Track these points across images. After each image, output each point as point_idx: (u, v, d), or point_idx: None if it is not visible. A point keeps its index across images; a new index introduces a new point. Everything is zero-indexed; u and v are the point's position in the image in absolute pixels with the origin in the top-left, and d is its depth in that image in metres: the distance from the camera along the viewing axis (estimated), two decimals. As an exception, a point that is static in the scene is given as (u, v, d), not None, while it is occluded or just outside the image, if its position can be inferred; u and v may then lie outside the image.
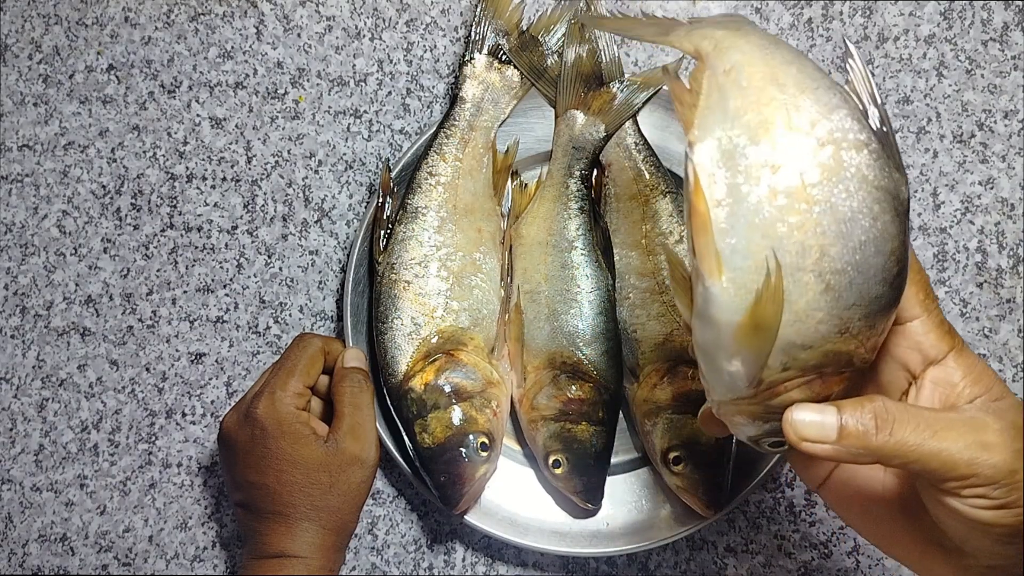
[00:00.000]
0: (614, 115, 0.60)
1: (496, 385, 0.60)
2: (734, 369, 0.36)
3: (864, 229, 0.34)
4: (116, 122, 0.66)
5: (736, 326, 0.35)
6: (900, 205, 0.35)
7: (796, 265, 0.33)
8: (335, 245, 0.65)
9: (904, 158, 0.65)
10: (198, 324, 0.65)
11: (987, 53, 0.65)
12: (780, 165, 0.34)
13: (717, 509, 0.58)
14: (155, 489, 0.65)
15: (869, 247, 0.34)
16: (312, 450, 0.56)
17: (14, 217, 0.66)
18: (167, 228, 0.66)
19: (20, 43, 0.66)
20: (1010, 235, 0.64)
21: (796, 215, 0.33)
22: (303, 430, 0.56)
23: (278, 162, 0.66)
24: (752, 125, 0.34)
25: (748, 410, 0.38)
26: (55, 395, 0.65)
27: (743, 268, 0.34)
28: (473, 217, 0.61)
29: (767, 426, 0.39)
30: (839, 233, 0.34)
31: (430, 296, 0.59)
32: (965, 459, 0.34)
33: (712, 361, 0.37)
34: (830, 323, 0.35)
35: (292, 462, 0.55)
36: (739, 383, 0.37)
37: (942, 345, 0.38)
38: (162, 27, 0.66)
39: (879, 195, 0.34)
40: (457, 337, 0.59)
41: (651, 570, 0.64)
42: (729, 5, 0.65)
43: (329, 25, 0.66)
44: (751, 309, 0.34)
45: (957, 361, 0.37)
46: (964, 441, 0.34)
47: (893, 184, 0.35)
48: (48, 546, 0.65)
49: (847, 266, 0.34)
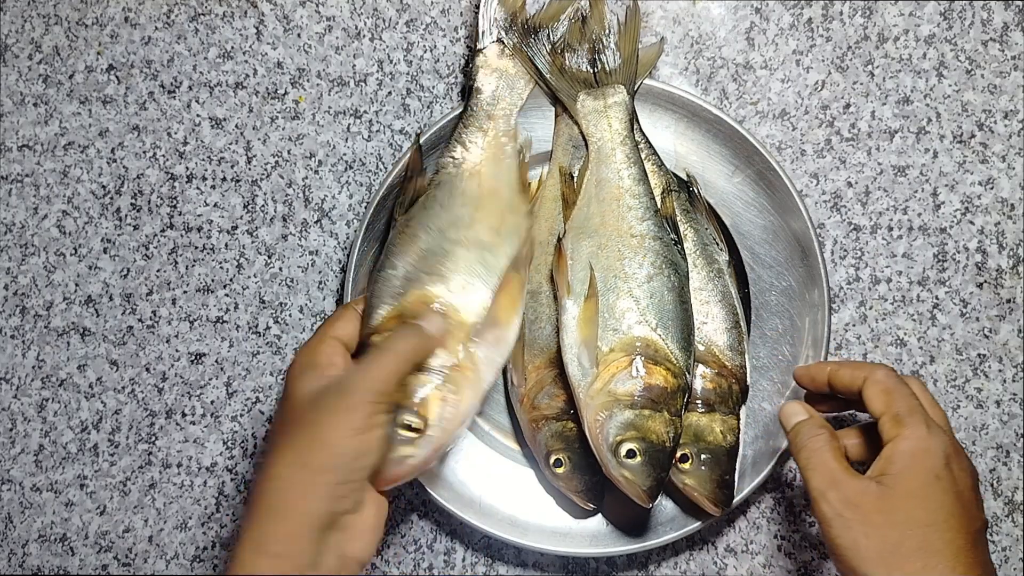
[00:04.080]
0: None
1: (462, 371, 0.53)
2: (583, 354, 0.56)
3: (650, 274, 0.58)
4: (116, 122, 0.66)
5: (577, 320, 0.57)
6: (679, 270, 0.58)
7: (608, 286, 0.58)
8: (335, 245, 0.65)
9: (904, 158, 0.65)
10: (198, 324, 0.65)
11: (987, 53, 0.65)
12: (604, 243, 0.59)
13: (725, 507, 0.58)
14: (155, 489, 0.65)
15: (655, 281, 0.58)
16: (310, 381, 0.49)
17: (14, 217, 0.66)
18: (167, 228, 0.66)
19: (20, 43, 0.66)
20: (1010, 235, 0.64)
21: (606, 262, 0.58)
22: (316, 359, 0.50)
23: (278, 162, 0.66)
24: (594, 222, 0.59)
25: (601, 401, 0.56)
26: (55, 395, 0.65)
27: (579, 292, 0.57)
28: (498, 201, 0.59)
29: (618, 418, 0.55)
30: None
31: (429, 257, 0.56)
32: (813, 492, 0.50)
33: (573, 357, 0.56)
34: (631, 318, 0.57)
35: (288, 395, 0.49)
36: (586, 364, 0.56)
37: (890, 433, 0.50)
38: (162, 27, 0.66)
39: (660, 261, 0.58)
40: (442, 303, 0.55)
41: (651, 570, 0.64)
42: (729, 6, 0.65)
43: (329, 25, 0.66)
44: (582, 309, 0.57)
45: (892, 446, 0.49)
46: (820, 484, 0.50)
47: (673, 256, 0.59)
48: (48, 546, 0.65)
49: (643, 287, 0.58)
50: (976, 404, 0.64)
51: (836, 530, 0.48)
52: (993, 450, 0.64)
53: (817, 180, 0.65)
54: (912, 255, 0.64)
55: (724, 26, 0.65)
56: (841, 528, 0.48)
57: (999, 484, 0.64)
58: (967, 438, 0.64)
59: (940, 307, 0.64)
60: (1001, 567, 0.64)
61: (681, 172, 0.62)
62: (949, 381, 0.64)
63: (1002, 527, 0.64)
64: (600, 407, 0.56)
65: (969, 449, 0.64)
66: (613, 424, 0.56)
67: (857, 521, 0.48)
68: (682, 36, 0.65)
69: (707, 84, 0.65)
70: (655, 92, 0.62)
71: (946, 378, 0.64)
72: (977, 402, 0.64)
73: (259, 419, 0.65)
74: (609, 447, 0.56)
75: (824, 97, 0.65)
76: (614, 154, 0.60)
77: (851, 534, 0.47)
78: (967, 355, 0.64)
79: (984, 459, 0.64)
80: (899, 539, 0.47)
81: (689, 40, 0.65)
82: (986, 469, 0.64)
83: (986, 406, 0.64)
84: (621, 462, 0.55)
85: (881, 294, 0.64)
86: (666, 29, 0.65)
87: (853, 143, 0.65)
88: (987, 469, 0.64)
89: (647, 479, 0.56)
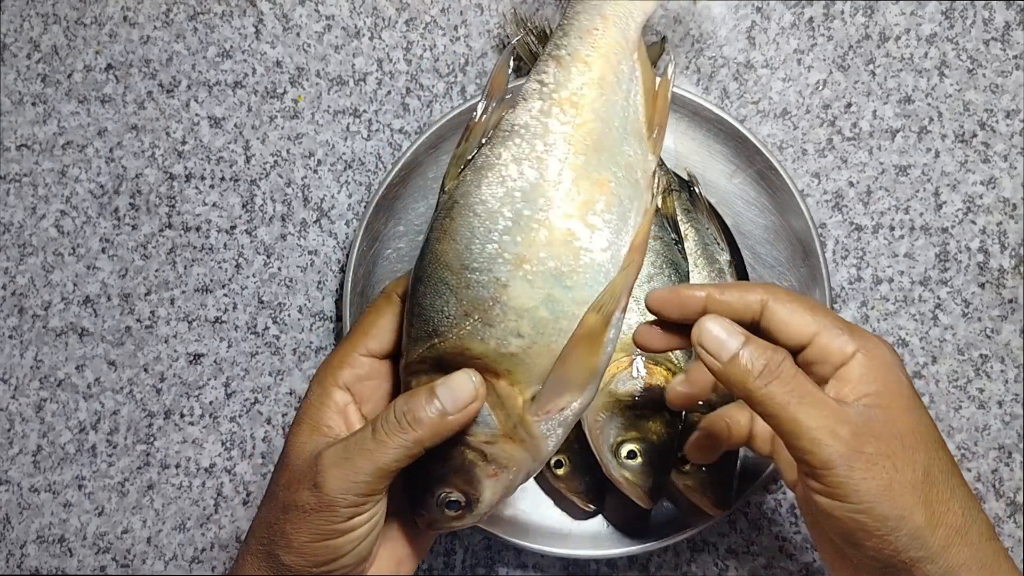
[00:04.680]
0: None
1: (516, 442, 0.41)
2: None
3: None
4: (114, 121, 0.66)
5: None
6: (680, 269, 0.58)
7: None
8: (334, 245, 0.65)
9: (906, 158, 0.64)
10: (196, 324, 0.65)
11: (989, 52, 0.64)
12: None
13: (726, 508, 0.58)
14: (153, 490, 0.65)
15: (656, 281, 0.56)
16: (298, 438, 0.42)
17: (12, 217, 0.66)
18: (165, 228, 0.65)
19: (18, 42, 0.66)
20: (1012, 235, 0.64)
21: None
22: (313, 410, 0.43)
23: (277, 162, 0.65)
24: None
25: (602, 402, 0.54)
26: (53, 396, 0.65)
27: None
28: (601, 158, 0.41)
29: (619, 419, 0.54)
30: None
31: (473, 286, 0.40)
32: (811, 435, 0.37)
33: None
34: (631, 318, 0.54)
35: (284, 448, 0.42)
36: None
37: (848, 346, 0.40)
38: (161, 26, 0.66)
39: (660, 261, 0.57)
40: (485, 364, 0.41)
41: (652, 572, 0.64)
42: (730, 5, 0.65)
43: (328, 24, 0.65)
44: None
45: (862, 358, 0.40)
46: (821, 421, 0.38)
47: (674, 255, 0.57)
48: (46, 547, 0.65)
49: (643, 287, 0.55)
50: (978, 405, 0.64)
51: (860, 473, 0.37)
52: (995, 451, 0.64)
53: (818, 180, 0.65)
54: (914, 255, 0.64)
55: (725, 25, 0.65)
56: (867, 467, 0.37)
57: (1001, 485, 0.64)
58: (969, 439, 0.64)
59: (942, 307, 0.64)
60: (1003, 568, 0.63)
61: (682, 171, 0.62)
62: (951, 381, 0.64)
63: (1004, 528, 0.64)
64: (600, 408, 0.56)
65: (971, 450, 0.64)
66: (614, 425, 0.56)
67: (882, 455, 0.38)
68: (683, 35, 0.65)
69: (708, 83, 0.65)
70: (656, 91, 0.62)
71: (948, 378, 0.64)
72: (979, 403, 0.64)
73: (258, 419, 0.65)
74: (610, 448, 0.56)
75: (825, 96, 0.65)
76: None
77: (881, 472, 0.37)
78: (969, 355, 0.64)
79: (986, 460, 0.64)
80: (927, 464, 0.39)
81: (690, 39, 0.65)
82: (988, 470, 0.64)
83: (988, 407, 0.64)
84: (622, 463, 0.55)
85: (883, 294, 0.64)
86: (667, 28, 0.65)
87: (855, 142, 0.64)
88: (989, 470, 0.64)
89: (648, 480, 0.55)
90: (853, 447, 0.37)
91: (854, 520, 0.38)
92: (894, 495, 0.38)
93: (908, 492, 0.38)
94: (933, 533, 0.38)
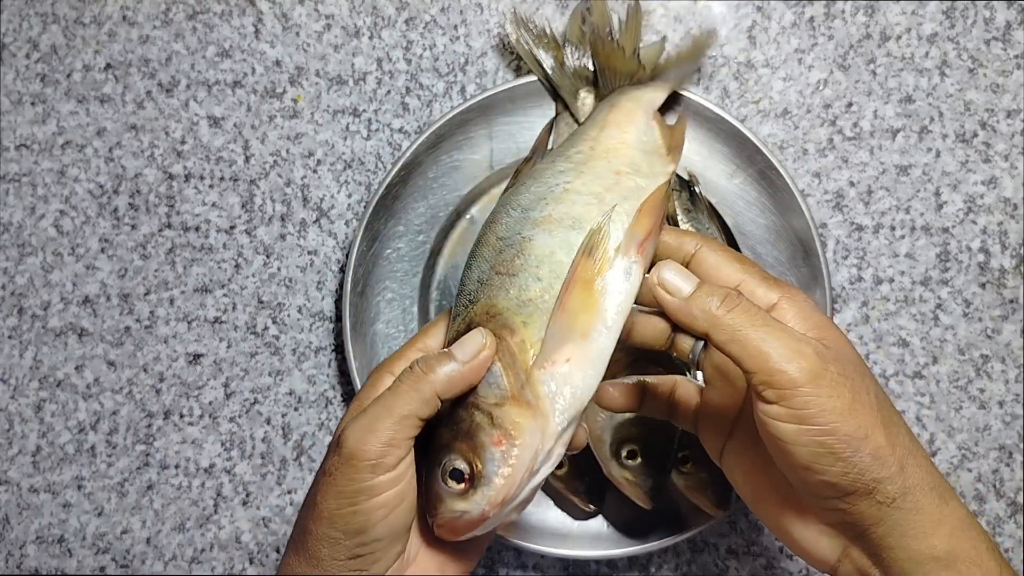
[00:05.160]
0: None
1: (521, 406, 0.41)
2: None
3: None
4: (114, 121, 0.66)
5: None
6: None
7: None
8: (334, 245, 0.65)
9: (907, 158, 0.64)
10: (196, 324, 0.65)
11: (990, 52, 0.64)
12: None
13: (726, 508, 0.58)
14: (153, 490, 0.65)
15: None
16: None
17: (11, 217, 0.66)
18: (165, 228, 0.65)
19: (17, 42, 0.66)
20: (1013, 235, 0.64)
21: None
22: (364, 396, 0.43)
23: (276, 161, 0.65)
24: None
25: None
26: (52, 396, 0.65)
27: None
28: (616, 158, 0.48)
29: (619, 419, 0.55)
30: None
31: (504, 249, 0.44)
32: (776, 355, 0.38)
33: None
34: None
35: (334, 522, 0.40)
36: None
37: (771, 294, 0.42)
38: (160, 25, 0.66)
39: None
40: (505, 319, 0.43)
41: (652, 572, 0.64)
42: (731, 4, 0.64)
43: (328, 23, 0.65)
44: None
45: (788, 304, 0.42)
46: (786, 343, 0.38)
47: None
48: (46, 547, 0.65)
49: None
50: (979, 405, 0.64)
51: (827, 391, 0.38)
52: (996, 451, 0.64)
53: (819, 179, 0.64)
54: (915, 255, 0.64)
55: (726, 24, 0.65)
56: (832, 386, 0.38)
57: (1002, 485, 0.64)
58: (969, 439, 0.64)
59: (943, 307, 0.64)
60: (1004, 569, 0.63)
61: (682, 171, 0.62)
62: (952, 382, 0.64)
63: (1004, 528, 0.64)
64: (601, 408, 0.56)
65: (972, 450, 0.64)
66: (614, 425, 0.56)
67: (843, 375, 0.39)
68: (683, 34, 0.65)
69: (708, 83, 0.65)
70: (656, 91, 0.61)
71: (948, 379, 0.64)
72: (980, 403, 0.64)
73: (257, 420, 0.65)
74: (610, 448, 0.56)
75: (826, 96, 0.64)
76: None
77: (844, 392, 0.38)
78: (970, 355, 0.64)
79: (987, 460, 0.64)
80: (876, 389, 0.40)
81: (690, 39, 0.64)
82: (989, 470, 0.64)
83: (989, 407, 0.64)
84: (622, 464, 0.55)
85: (884, 294, 0.64)
86: (667, 27, 0.65)
87: (855, 142, 0.64)
88: (990, 470, 0.64)
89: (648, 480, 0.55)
90: (819, 365, 0.38)
91: (820, 443, 0.38)
92: (857, 414, 0.38)
93: (868, 412, 0.39)
94: (893, 452, 0.39)
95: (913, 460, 0.40)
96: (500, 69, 0.65)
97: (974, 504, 0.64)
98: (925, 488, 0.40)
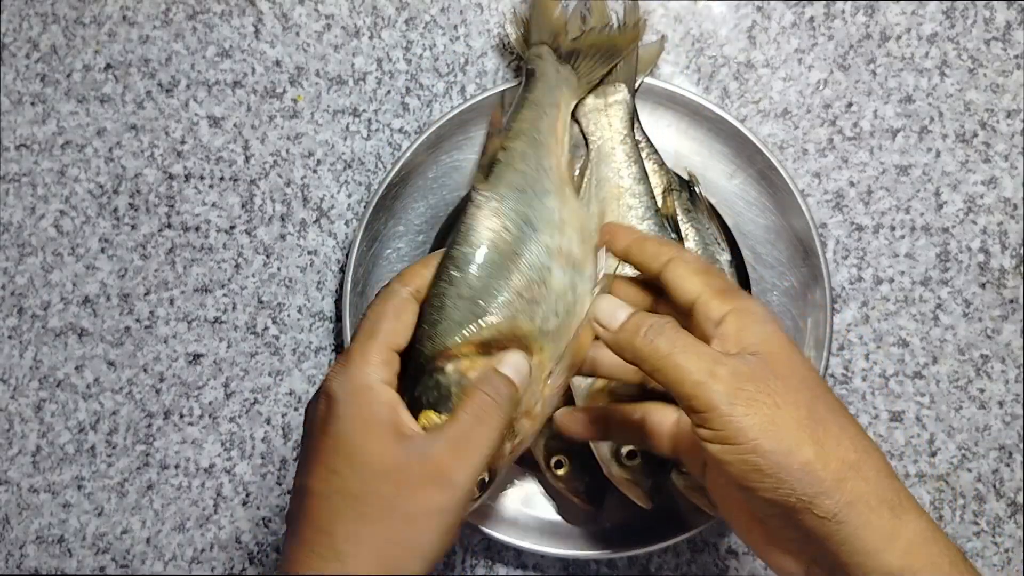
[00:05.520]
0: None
1: (531, 419, 0.46)
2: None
3: None
4: (114, 121, 0.66)
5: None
6: None
7: None
8: (334, 245, 0.65)
9: (907, 158, 0.64)
10: (196, 325, 0.65)
11: (990, 52, 0.64)
12: None
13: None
14: (153, 491, 0.65)
15: None
16: (384, 446, 0.40)
17: (11, 217, 0.66)
18: (165, 228, 0.65)
19: (17, 42, 0.66)
20: (1013, 235, 0.64)
21: None
22: (382, 413, 0.41)
23: (276, 161, 0.65)
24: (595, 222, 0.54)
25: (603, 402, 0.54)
26: (52, 396, 0.65)
27: None
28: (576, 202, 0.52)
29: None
30: None
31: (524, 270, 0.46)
32: (693, 379, 0.39)
33: None
34: None
35: (350, 457, 0.40)
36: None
37: (723, 307, 0.42)
38: (160, 25, 0.66)
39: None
40: (527, 340, 0.46)
41: (652, 572, 0.64)
42: (731, 4, 0.64)
43: (328, 23, 0.65)
44: None
45: (733, 317, 0.42)
46: (701, 365, 0.40)
47: None
48: (45, 547, 0.65)
49: None
50: (979, 405, 0.64)
51: (742, 409, 0.38)
52: (996, 451, 0.64)
53: (819, 179, 0.64)
54: (915, 255, 0.64)
55: (726, 24, 0.65)
56: (748, 404, 0.39)
57: (1002, 485, 0.64)
58: (969, 439, 0.64)
59: (943, 307, 0.64)
60: (1003, 569, 0.63)
61: (682, 171, 0.62)
62: (952, 382, 0.64)
63: (1005, 528, 0.64)
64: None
65: (972, 450, 0.64)
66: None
67: (762, 392, 0.39)
68: (683, 34, 0.65)
69: (708, 83, 0.65)
70: (656, 91, 0.61)
71: (948, 379, 0.64)
72: (980, 403, 0.64)
73: (257, 420, 0.65)
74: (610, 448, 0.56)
75: (826, 96, 0.64)
76: (614, 153, 0.59)
77: (762, 408, 0.39)
78: (970, 355, 0.64)
79: (987, 460, 0.64)
80: (810, 403, 0.40)
81: (690, 38, 0.64)
82: (989, 470, 0.64)
83: (989, 407, 0.64)
84: (622, 463, 0.55)
85: (883, 294, 0.64)
86: (667, 27, 0.65)
87: (855, 142, 0.64)
88: (990, 470, 0.64)
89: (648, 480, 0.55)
90: (733, 385, 0.39)
91: (745, 462, 0.39)
92: (779, 430, 0.39)
93: (793, 428, 0.39)
94: (825, 467, 0.39)
95: (856, 473, 0.39)
96: (500, 69, 0.65)
97: (974, 504, 0.64)
98: (872, 502, 0.39)
